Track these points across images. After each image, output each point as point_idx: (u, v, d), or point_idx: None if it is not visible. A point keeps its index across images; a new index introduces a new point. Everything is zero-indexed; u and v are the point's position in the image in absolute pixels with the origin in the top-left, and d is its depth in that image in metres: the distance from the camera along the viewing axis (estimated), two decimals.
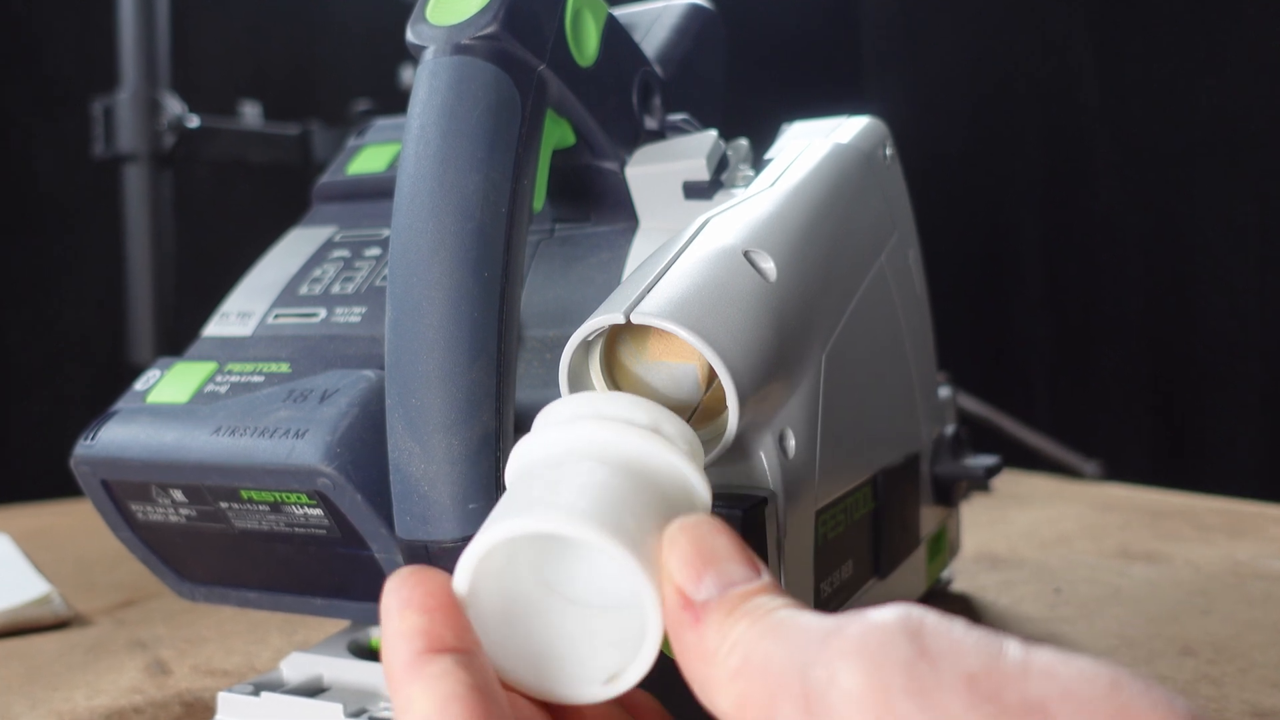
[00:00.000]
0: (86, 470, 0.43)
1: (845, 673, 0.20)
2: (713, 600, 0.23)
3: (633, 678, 0.25)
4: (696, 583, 0.24)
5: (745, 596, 0.23)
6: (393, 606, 0.25)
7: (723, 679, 0.23)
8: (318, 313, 0.46)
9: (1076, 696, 0.19)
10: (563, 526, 0.24)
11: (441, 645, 0.24)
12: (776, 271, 0.35)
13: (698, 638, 0.23)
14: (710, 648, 0.23)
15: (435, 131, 0.36)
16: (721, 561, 0.24)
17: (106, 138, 1.04)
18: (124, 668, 0.54)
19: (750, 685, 0.22)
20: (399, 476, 0.35)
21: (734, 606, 0.23)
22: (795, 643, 0.22)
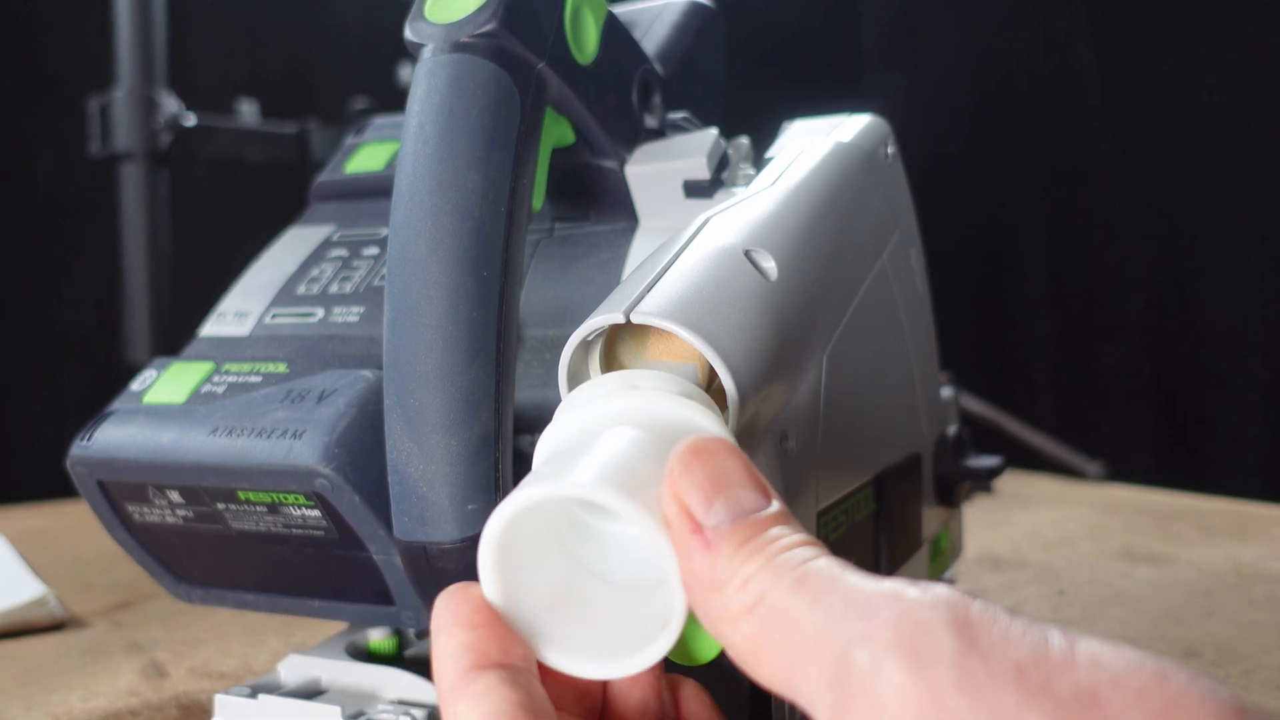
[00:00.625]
0: (83, 471, 0.43)
1: (892, 665, 0.20)
2: (724, 527, 0.23)
3: (664, 646, 0.25)
4: (707, 508, 0.23)
5: (758, 526, 0.23)
6: (441, 624, 0.25)
7: (735, 613, 0.22)
8: (315, 312, 0.46)
9: (1127, 686, 0.19)
10: (575, 490, 0.24)
11: (487, 661, 0.24)
12: (778, 271, 0.35)
13: (708, 565, 0.23)
14: (722, 577, 0.23)
15: (434, 130, 0.36)
16: (733, 487, 0.24)
17: (103, 136, 1.04)
18: (120, 670, 0.53)
19: (770, 632, 0.22)
20: (397, 477, 0.35)
21: (747, 537, 0.23)
22: (830, 607, 0.21)
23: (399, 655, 0.46)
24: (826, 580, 0.22)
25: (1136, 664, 0.19)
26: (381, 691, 0.43)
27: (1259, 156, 1.32)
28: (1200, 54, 1.37)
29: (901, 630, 0.20)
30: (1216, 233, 1.35)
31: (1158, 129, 1.40)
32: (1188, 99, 1.38)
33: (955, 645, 0.20)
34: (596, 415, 0.28)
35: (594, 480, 0.24)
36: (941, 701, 0.19)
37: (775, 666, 0.22)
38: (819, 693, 0.21)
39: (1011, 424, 1.18)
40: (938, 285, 0.53)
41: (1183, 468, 1.40)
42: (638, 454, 0.26)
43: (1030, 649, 0.20)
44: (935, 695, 0.19)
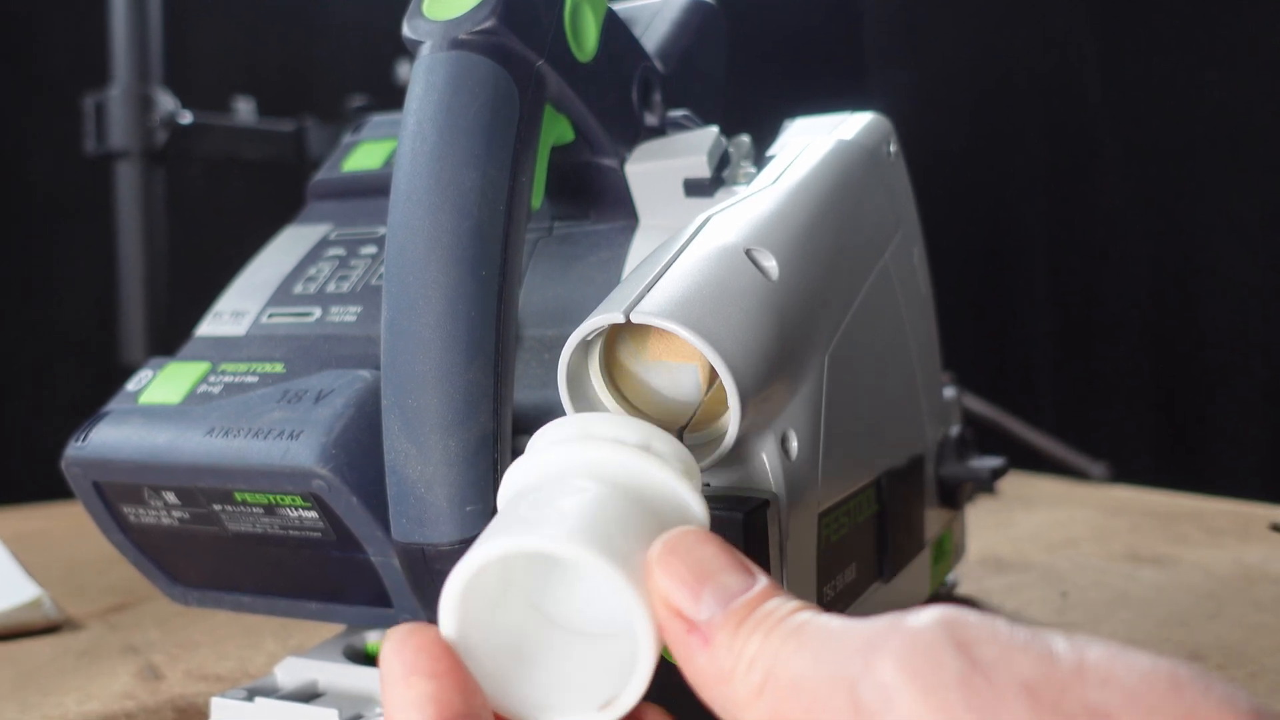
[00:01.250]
0: (78, 472, 0.43)
1: (901, 694, 0.20)
2: (717, 618, 0.23)
3: (629, 701, 0.25)
4: (696, 602, 0.23)
5: (750, 607, 0.23)
6: (396, 673, 0.24)
7: (747, 698, 0.22)
8: (312, 312, 0.46)
9: (1141, 701, 0.19)
10: (544, 544, 0.24)
11: (452, 712, 0.24)
12: (779, 270, 0.35)
13: (710, 659, 0.23)
14: (726, 668, 0.22)
15: (432, 128, 0.36)
16: (716, 574, 0.24)
17: (98, 134, 1.04)
18: (116, 673, 0.53)
19: (782, 702, 0.22)
20: (395, 478, 0.35)
21: (741, 620, 0.23)
22: (830, 655, 0.21)
23: None
24: (823, 633, 0.22)
25: (1149, 674, 0.19)
26: (379, 694, 0.43)
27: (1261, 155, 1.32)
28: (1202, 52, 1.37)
29: (903, 657, 0.20)
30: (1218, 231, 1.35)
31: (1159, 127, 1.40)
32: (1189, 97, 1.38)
33: (959, 665, 0.20)
34: (557, 461, 0.28)
35: (565, 535, 0.24)
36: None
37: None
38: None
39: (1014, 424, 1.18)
40: (939, 284, 0.53)
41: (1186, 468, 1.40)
42: (601, 509, 0.25)
43: (1036, 663, 0.19)
44: (945, 718, 0.19)
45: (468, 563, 0.25)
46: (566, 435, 0.29)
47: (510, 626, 0.27)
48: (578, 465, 0.27)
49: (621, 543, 0.24)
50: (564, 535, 0.24)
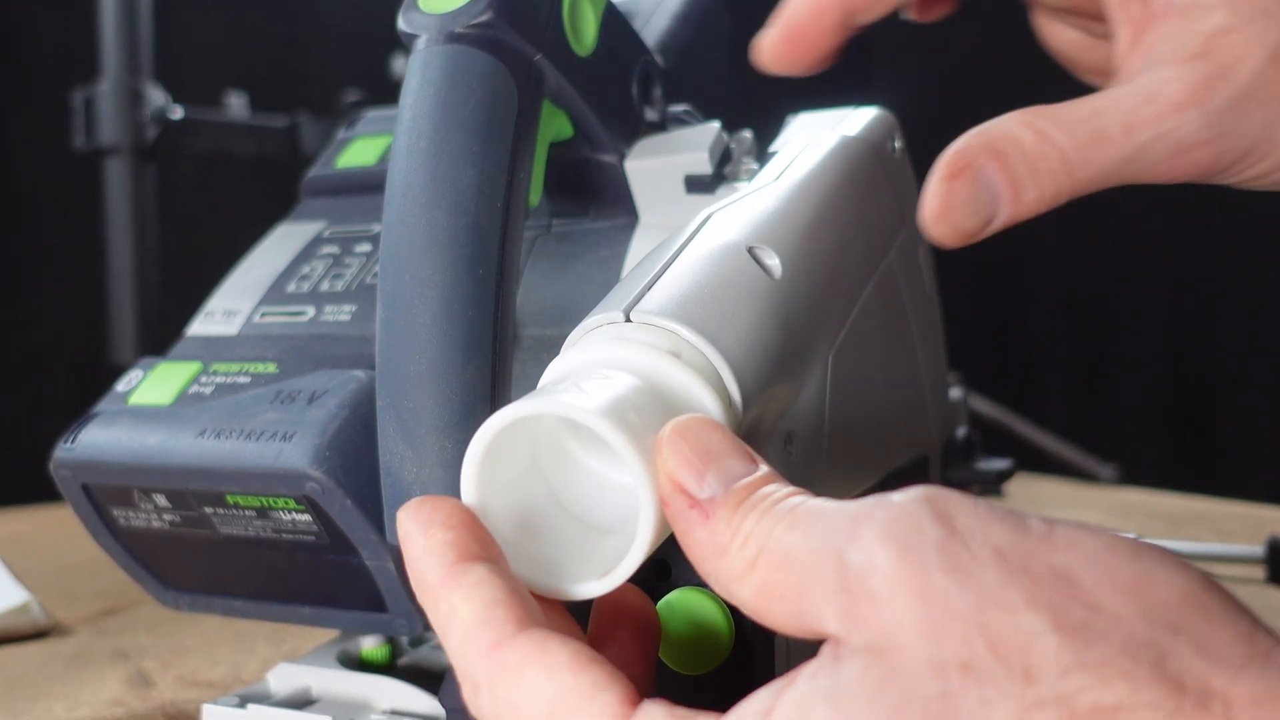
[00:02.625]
0: (67, 474, 0.43)
1: (882, 556, 0.22)
2: (718, 496, 0.25)
3: (627, 569, 0.26)
4: (700, 481, 0.25)
5: (750, 489, 0.25)
6: (414, 530, 0.26)
7: (740, 570, 0.24)
8: (306, 311, 0.46)
9: (1100, 563, 0.21)
10: (562, 409, 0.26)
11: (472, 555, 0.25)
12: (782, 268, 0.35)
13: (709, 533, 0.25)
14: (722, 542, 0.24)
15: (428, 123, 0.36)
16: (721, 458, 0.25)
17: (87, 130, 1.04)
18: (105, 679, 0.53)
19: (773, 574, 0.23)
20: (390, 481, 0.35)
21: (740, 500, 0.25)
22: (820, 530, 0.23)
23: (392, 664, 0.46)
24: (815, 512, 0.24)
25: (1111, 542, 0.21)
26: (374, 701, 0.43)
27: None
28: None
29: (887, 526, 0.22)
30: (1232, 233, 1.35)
31: None
32: None
33: (938, 532, 0.22)
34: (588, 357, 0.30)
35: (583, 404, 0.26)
36: (929, 582, 0.21)
37: (785, 606, 0.23)
38: (826, 609, 0.22)
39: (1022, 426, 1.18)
40: (946, 283, 0.53)
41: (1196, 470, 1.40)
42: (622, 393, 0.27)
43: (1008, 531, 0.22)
44: (922, 577, 0.21)
45: (488, 426, 0.26)
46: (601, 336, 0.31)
47: (525, 503, 0.28)
48: (607, 359, 0.29)
49: (636, 421, 0.26)
50: (582, 404, 0.26)
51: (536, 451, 0.29)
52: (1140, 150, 0.31)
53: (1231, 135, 0.31)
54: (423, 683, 0.42)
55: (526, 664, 0.23)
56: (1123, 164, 0.31)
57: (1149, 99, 0.31)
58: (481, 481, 0.27)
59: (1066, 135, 0.31)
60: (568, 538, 0.28)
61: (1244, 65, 0.31)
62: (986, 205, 0.31)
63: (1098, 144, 0.31)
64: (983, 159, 0.31)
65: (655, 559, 0.32)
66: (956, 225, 0.31)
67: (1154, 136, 0.31)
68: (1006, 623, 0.20)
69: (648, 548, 0.26)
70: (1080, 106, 0.32)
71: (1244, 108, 0.31)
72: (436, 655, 0.47)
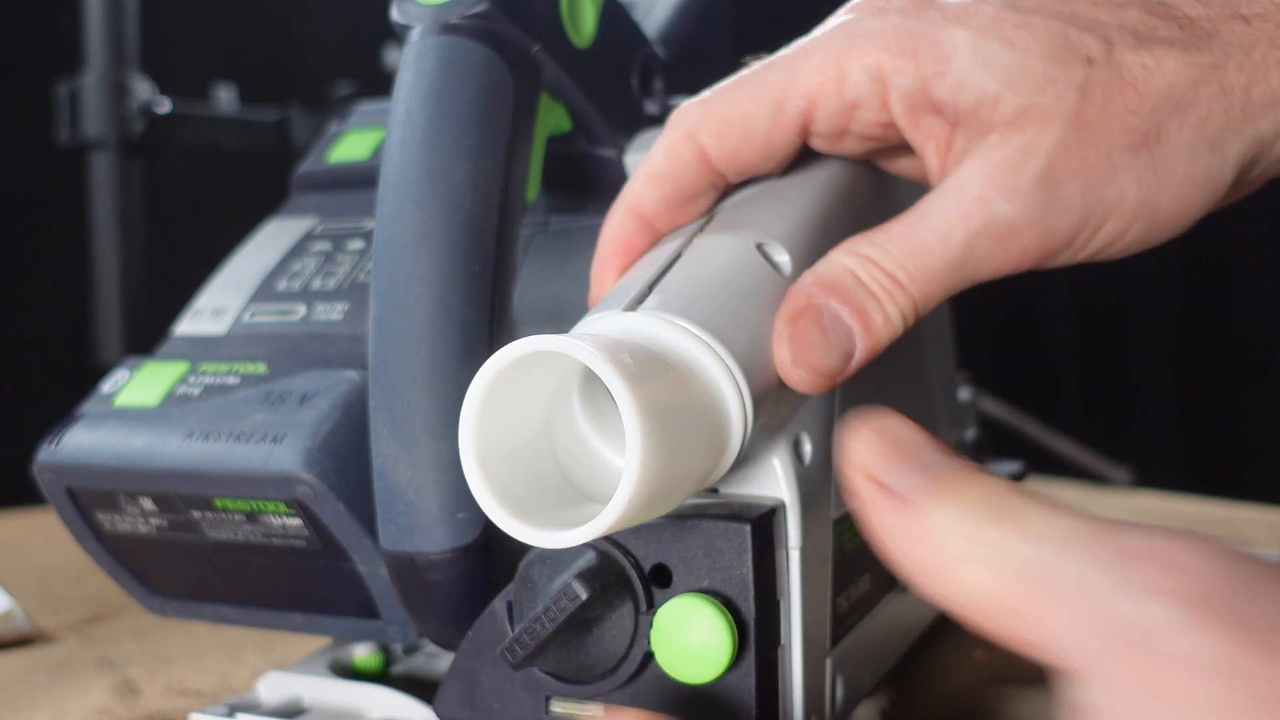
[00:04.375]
0: (50, 477, 0.43)
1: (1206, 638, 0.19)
2: (917, 483, 0.24)
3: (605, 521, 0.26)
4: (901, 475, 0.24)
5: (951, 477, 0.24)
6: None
7: (950, 564, 0.23)
8: (297, 309, 0.46)
9: None
10: (554, 345, 0.26)
11: None
12: (791, 265, 0.35)
13: (904, 522, 0.23)
14: (921, 531, 0.23)
15: (422, 116, 0.36)
16: (920, 450, 0.25)
17: (71, 123, 1.04)
18: (91, 688, 0.54)
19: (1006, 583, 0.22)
20: (384, 484, 0.35)
21: (941, 487, 0.23)
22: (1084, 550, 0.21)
23: (385, 672, 0.46)
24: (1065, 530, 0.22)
25: None
26: (366, 711, 0.43)
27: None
28: None
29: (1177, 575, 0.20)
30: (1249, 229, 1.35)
31: None
32: None
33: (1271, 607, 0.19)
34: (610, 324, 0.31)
35: (580, 341, 0.26)
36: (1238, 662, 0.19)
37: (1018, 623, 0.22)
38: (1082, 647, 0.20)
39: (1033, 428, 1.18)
40: None
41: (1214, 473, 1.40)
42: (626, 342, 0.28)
43: None
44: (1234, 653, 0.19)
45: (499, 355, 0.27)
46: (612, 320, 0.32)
47: (526, 453, 0.29)
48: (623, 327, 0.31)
49: (631, 364, 0.27)
50: (579, 341, 0.26)
51: (552, 424, 0.30)
52: (966, 251, 0.32)
53: (1052, 211, 0.31)
54: (417, 692, 0.43)
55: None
56: (956, 269, 0.32)
57: (956, 199, 0.32)
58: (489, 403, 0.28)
59: (888, 255, 0.32)
60: (557, 496, 0.29)
61: (1044, 138, 0.31)
62: (840, 340, 0.32)
63: (921, 255, 0.32)
64: (820, 296, 0.32)
65: (656, 565, 0.32)
66: (815, 366, 0.32)
67: (970, 234, 0.31)
68: None
69: (629, 497, 0.26)
70: (897, 223, 0.32)
71: (1055, 180, 0.31)
72: (431, 663, 0.47)
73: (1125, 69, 0.31)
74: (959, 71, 0.32)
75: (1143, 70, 0.31)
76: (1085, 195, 0.31)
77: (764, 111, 0.34)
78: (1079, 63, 0.31)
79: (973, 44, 0.32)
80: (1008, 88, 0.31)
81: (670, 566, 0.32)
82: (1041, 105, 0.31)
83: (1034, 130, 0.31)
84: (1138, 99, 0.31)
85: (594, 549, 0.32)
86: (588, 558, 0.32)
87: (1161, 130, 0.31)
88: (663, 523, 0.32)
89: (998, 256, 0.32)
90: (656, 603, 0.32)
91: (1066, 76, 0.31)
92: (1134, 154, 0.31)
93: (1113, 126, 0.31)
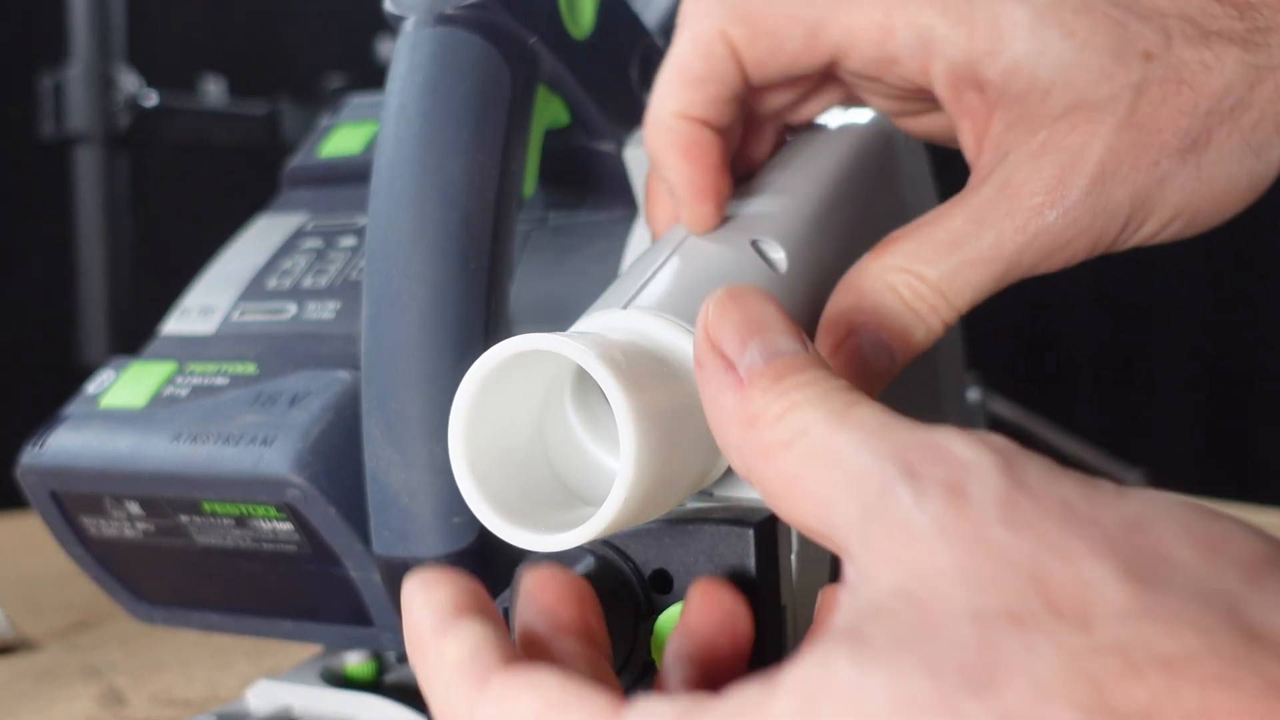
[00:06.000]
0: (34, 480, 0.43)
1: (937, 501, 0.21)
2: (758, 365, 0.25)
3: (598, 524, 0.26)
4: (741, 349, 0.25)
5: (793, 366, 0.25)
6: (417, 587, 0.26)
7: (767, 447, 0.24)
8: (287, 308, 0.46)
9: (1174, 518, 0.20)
10: (547, 343, 0.26)
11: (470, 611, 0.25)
12: (787, 262, 0.35)
13: (739, 401, 0.24)
14: (754, 413, 0.24)
15: (416, 110, 0.36)
16: (768, 330, 0.25)
17: (56, 117, 1.04)
18: (76, 697, 0.54)
19: (807, 466, 0.23)
20: (377, 487, 0.35)
21: (781, 375, 0.24)
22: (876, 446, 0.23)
23: (378, 681, 0.46)
24: (875, 422, 0.23)
25: (1185, 504, 0.21)
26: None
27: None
28: None
29: (950, 469, 0.22)
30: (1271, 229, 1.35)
31: None
32: None
33: (1002, 483, 0.21)
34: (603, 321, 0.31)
35: (571, 339, 0.26)
36: (983, 532, 0.20)
37: (810, 503, 0.23)
38: (851, 526, 0.22)
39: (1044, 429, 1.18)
40: None
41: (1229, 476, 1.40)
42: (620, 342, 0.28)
43: (1078, 486, 0.21)
44: (977, 526, 0.20)
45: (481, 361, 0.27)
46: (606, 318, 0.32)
47: (518, 455, 0.29)
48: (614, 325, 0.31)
49: (624, 362, 0.27)
50: (570, 339, 0.26)
51: (544, 426, 0.30)
52: (1013, 262, 0.32)
53: (1100, 218, 0.31)
54: (410, 701, 0.43)
55: (511, 687, 0.23)
56: (1001, 278, 0.32)
57: (1009, 210, 0.31)
58: (480, 401, 0.28)
59: (936, 270, 0.32)
60: (551, 498, 0.29)
61: (1095, 142, 0.31)
62: (880, 361, 0.33)
63: (969, 269, 0.32)
64: (860, 321, 0.32)
65: (656, 571, 0.32)
66: None
67: (1021, 247, 0.32)
68: (1066, 572, 0.20)
69: (624, 497, 0.26)
70: (941, 231, 0.32)
71: (1104, 188, 0.31)
72: None
73: (1184, 67, 0.31)
74: (1013, 55, 0.31)
75: (1201, 68, 0.31)
76: (1131, 200, 0.31)
77: (800, 31, 0.33)
78: (1137, 59, 0.31)
79: (1031, 26, 0.31)
80: (1062, 82, 0.31)
81: (671, 571, 0.32)
82: (1094, 103, 0.31)
83: (1085, 131, 0.31)
84: (1192, 99, 0.31)
85: (592, 554, 0.32)
86: (586, 563, 0.32)
87: (1211, 134, 0.31)
88: (663, 527, 0.32)
89: (1044, 264, 0.32)
90: (657, 608, 0.32)
91: (1123, 74, 0.31)
92: (1180, 159, 0.31)
93: (1164, 129, 0.31)
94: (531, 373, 0.29)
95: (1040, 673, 0.19)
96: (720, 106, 0.34)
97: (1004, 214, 0.31)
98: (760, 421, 0.24)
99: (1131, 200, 0.31)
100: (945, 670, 0.19)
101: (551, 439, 0.30)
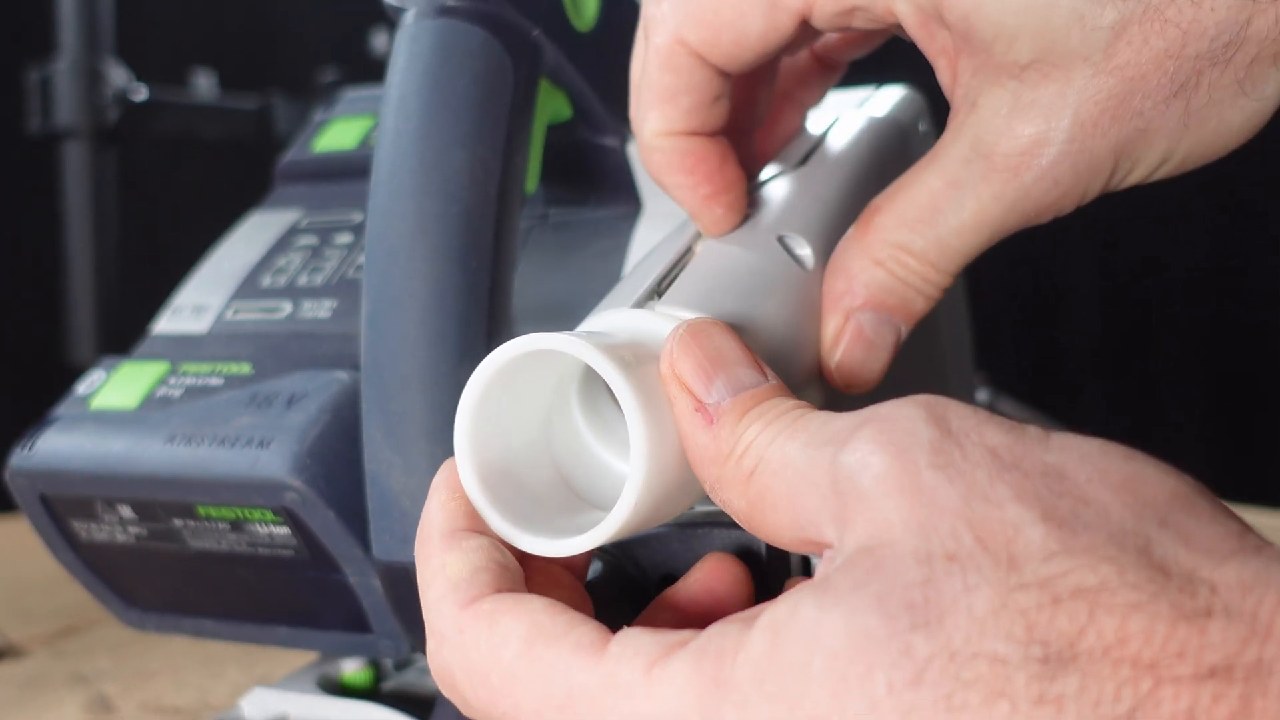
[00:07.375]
0: (24, 483, 0.43)
1: (875, 457, 0.23)
2: (724, 403, 0.26)
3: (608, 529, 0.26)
4: (708, 386, 0.27)
5: (756, 399, 0.26)
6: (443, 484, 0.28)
7: (738, 479, 0.26)
8: (282, 307, 0.46)
9: (1092, 462, 0.23)
10: (554, 343, 0.27)
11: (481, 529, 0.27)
12: (814, 258, 0.35)
13: (711, 439, 0.26)
14: (724, 449, 0.26)
15: (417, 103, 0.36)
16: (731, 365, 0.27)
17: (43, 111, 1.04)
18: (64, 704, 0.53)
19: (768, 481, 0.25)
20: (377, 490, 0.35)
21: (746, 409, 0.26)
22: (819, 438, 0.25)
23: (376, 689, 0.46)
24: (817, 423, 0.25)
25: (1104, 447, 0.23)
26: None
27: None
28: None
29: (880, 429, 0.24)
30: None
31: None
32: None
33: (931, 433, 0.23)
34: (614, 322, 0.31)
35: (582, 339, 0.27)
36: (918, 479, 0.23)
37: (778, 515, 0.25)
38: (820, 515, 0.24)
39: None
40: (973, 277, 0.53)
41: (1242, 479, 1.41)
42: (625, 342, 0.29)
43: (1004, 433, 0.23)
44: (913, 474, 0.23)
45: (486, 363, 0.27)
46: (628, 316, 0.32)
47: (523, 457, 0.29)
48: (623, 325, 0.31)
49: (635, 363, 0.27)
50: (580, 339, 0.27)
51: (550, 428, 0.30)
52: (998, 228, 0.32)
53: (1083, 174, 0.31)
54: (409, 709, 0.42)
55: (500, 611, 0.25)
56: (988, 241, 0.32)
57: (984, 173, 0.31)
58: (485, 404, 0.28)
59: (921, 241, 0.32)
60: (557, 503, 0.30)
61: (1068, 96, 0.30)
62: (885, 337, 0.34)
63: (954, 238, 0.32)
64: (856, 304, 0.33)
65: (664, 575, 0.32)
66: (870, 377, 0.34)
67: (1004, 212, 0.31)
68: (993, 515, 0.22)
69: (633, 504, 0.26)
70: (921, 193, 0.32)
71: (1083, 143, 0.30)
72: (423, 679, 0.47)
73: (1168, 5, 0.28)
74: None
75: (1189, 4, 0.28)
76: (1114, 152, 0.30)
77: (759, 11, 0.32)
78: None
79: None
80: (1029, 25, 0.29)
81: (679, 577, 0.32)
82: (1066, 48, 0.29)
83: (1058, 81, 0.30)
84: (1179, 40, 0.29)
85: (600, 559, 0.32)
86: (594, 568, 0.32)
87: (1201, 77, 0.29)
88: (672, 532, 0.32)
89: (1031, 220, 0.32)
90: None
91: (1097, 14, 0.29)
92: (1166, 106, 0.30)
93: (1147, 74, 0.29)
94: (537, 373, 0.29)
95: (977, 608, 0.21)
96: (703, 113, 0.34)
97: (980, 177, 0.31)
98: (731, 457, 0.26)
99: (1114, 152, 0.30)
100: (894, 608, 0.21)
101: (557, 441, 0.30)
